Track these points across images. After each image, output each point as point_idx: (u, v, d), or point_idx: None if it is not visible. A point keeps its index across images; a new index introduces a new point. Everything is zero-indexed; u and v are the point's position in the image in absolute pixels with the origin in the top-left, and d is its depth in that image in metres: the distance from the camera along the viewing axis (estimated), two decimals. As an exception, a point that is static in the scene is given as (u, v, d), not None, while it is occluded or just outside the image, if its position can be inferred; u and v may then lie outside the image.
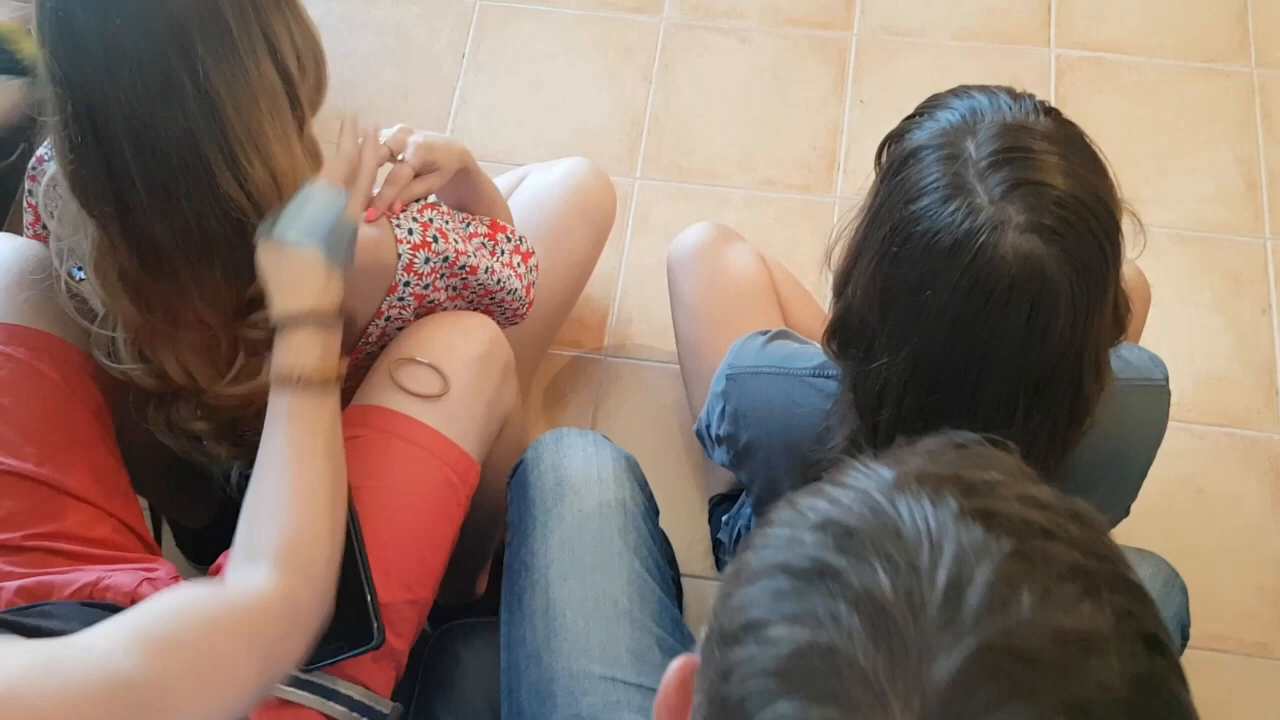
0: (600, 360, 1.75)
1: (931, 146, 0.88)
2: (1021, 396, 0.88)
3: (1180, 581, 1.07)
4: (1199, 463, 1.66)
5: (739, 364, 1.14)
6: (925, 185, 0.86)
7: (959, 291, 0.84)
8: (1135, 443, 1.05)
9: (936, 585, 0.44)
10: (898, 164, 0.90)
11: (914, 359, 0.89)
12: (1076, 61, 1.95)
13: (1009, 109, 0.89)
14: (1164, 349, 1.68)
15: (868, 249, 0.91)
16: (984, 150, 0.85)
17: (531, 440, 1.23)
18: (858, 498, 0.49)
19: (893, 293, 0.88)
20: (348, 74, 1.97)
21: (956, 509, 0.47)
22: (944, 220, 0.84)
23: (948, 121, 0.89)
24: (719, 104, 1.94)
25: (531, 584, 1.07)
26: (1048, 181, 0.84)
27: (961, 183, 0.84)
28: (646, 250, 1.82)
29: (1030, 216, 0.82)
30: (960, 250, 0.83)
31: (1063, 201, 0.83)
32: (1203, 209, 1.84)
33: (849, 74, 1.95)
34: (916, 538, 0.46)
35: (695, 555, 1.58)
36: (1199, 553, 1.60)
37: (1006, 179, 0.84)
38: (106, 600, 1.00)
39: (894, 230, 0.87)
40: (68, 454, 1.07)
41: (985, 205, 0.83)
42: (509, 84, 1.96)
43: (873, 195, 0.93)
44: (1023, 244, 0.82)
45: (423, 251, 1.14)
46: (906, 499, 0.48)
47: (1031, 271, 0.82)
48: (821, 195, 1.85)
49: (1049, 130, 0.88)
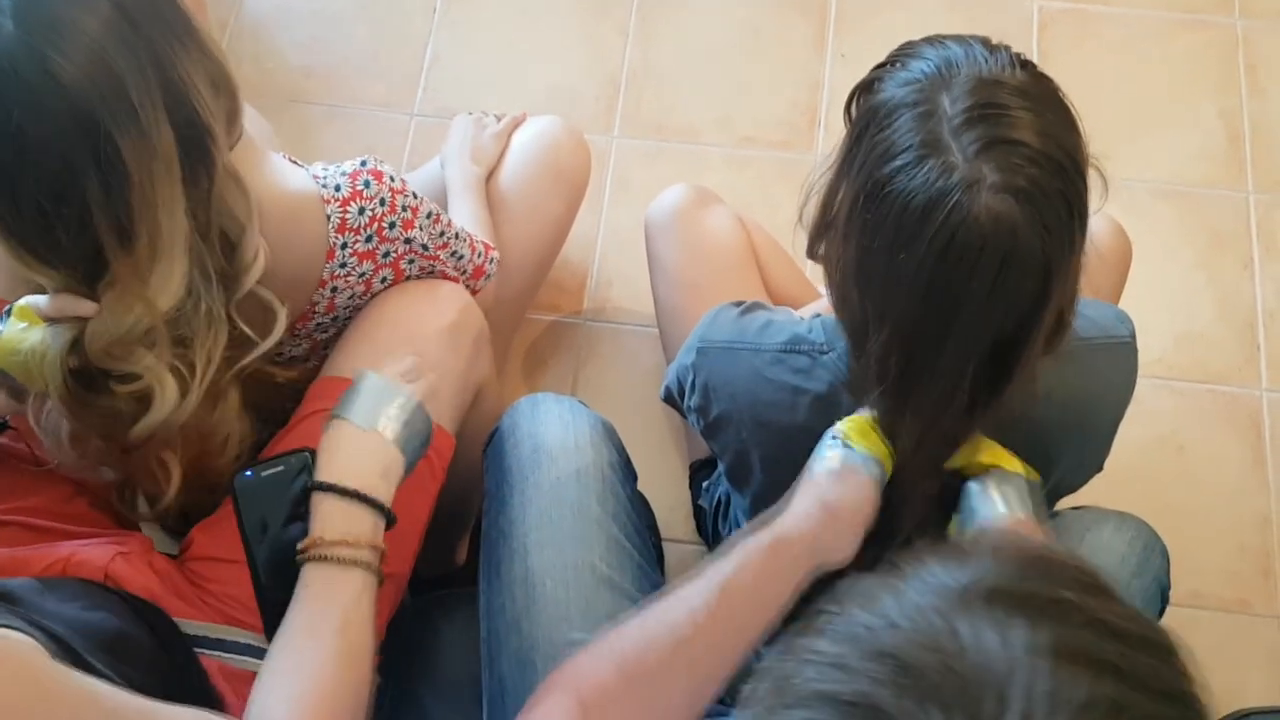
0: (580, 324, 1.73)
1: (906, 104, 0.86)
2: (975, 356, 0.88)
3: (1161, 545, 1.07)
4: (1180, 421, 1.66)
5: (710, 336, 1.12)
6: (899, 146, 0.85)
7: (932, 252, 0.83)
8: (1104, 401, 1.05)
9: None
10: (870, 121, 0.88)
11: (896, 331, 0.88)
12: (1059, 14, 1.93)
13: (984, 61, 0.88)
14: (1145, 306, 1.68)
15: (842, 217, 0.90)
16: (959, 106, 0.84)
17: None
18: (919, 619, 0.44)
19: (868, 263, 0.87)
20: (317, 32, 1.93)
21: (1026, 644, 0.43)
22: (917, 181, 0.83)
23: (921, 72, 0.88)
24: (697, 60, 1.90)
25: (510, 552, 1.06)
26: (1023, 140, 0.83)
27: (936, 140, 0.83)
28: (625, 212, 1.79)
29: (1004, 177, 0.82)
30: (934, 210, 0.82)
31: (1037, 161, 0.82)
32: (1185, 164, 1.82)
33: (829, 27, 1.92)
34: (980, 681, 0.42)
35: (677, 519, 1.57)
36: (1180, 511, 1.59)
37: (981, 136, 0.83)
38: (80, 576, 0.98)
39: (869, 196, 0.86)
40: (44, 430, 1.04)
41: (960, 164, 0.82)
42: (482, 41, 1.92)
43: (844, 151, 0.92)
44: (996, 204, 0.82)
45: (355, 203, 1.09)
46: (972, 623, 0.43)
47: (1003, 231, 0.82)
48: (802, 153, 1.82)
49: (1025, 85, 0.86)
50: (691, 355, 1.14)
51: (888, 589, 0.46)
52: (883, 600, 0.46)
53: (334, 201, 1.08)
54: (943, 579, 0.46)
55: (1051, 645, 0.43)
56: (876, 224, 0.85)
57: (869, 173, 0.86)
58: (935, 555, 0.48)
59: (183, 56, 0.92)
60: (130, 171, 0.89)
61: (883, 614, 0.45)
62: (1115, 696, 0.42)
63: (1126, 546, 1.03)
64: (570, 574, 1.04)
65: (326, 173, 1.09)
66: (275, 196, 1.06)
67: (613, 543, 1.07)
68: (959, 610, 0.44)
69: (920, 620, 0.44)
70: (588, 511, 1.07)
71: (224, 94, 0.97)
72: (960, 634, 0.43)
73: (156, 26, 0.90)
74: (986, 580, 0.46)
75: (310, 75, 1.90)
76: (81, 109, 0.86)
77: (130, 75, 0.88)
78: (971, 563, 0.47)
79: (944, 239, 0.82)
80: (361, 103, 1.88)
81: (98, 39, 0.87)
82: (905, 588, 0.46)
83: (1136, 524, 1.06)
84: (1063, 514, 1.09)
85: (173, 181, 0.92)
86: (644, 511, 1.20)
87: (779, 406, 1.05)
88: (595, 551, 1.05)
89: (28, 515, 1.04)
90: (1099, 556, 1.03)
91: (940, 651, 0.43)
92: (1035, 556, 0.49)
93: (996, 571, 0.47)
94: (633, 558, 1.08)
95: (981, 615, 0.44)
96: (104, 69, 0.87)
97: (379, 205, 1.10)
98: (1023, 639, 0.43)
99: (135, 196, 0.90)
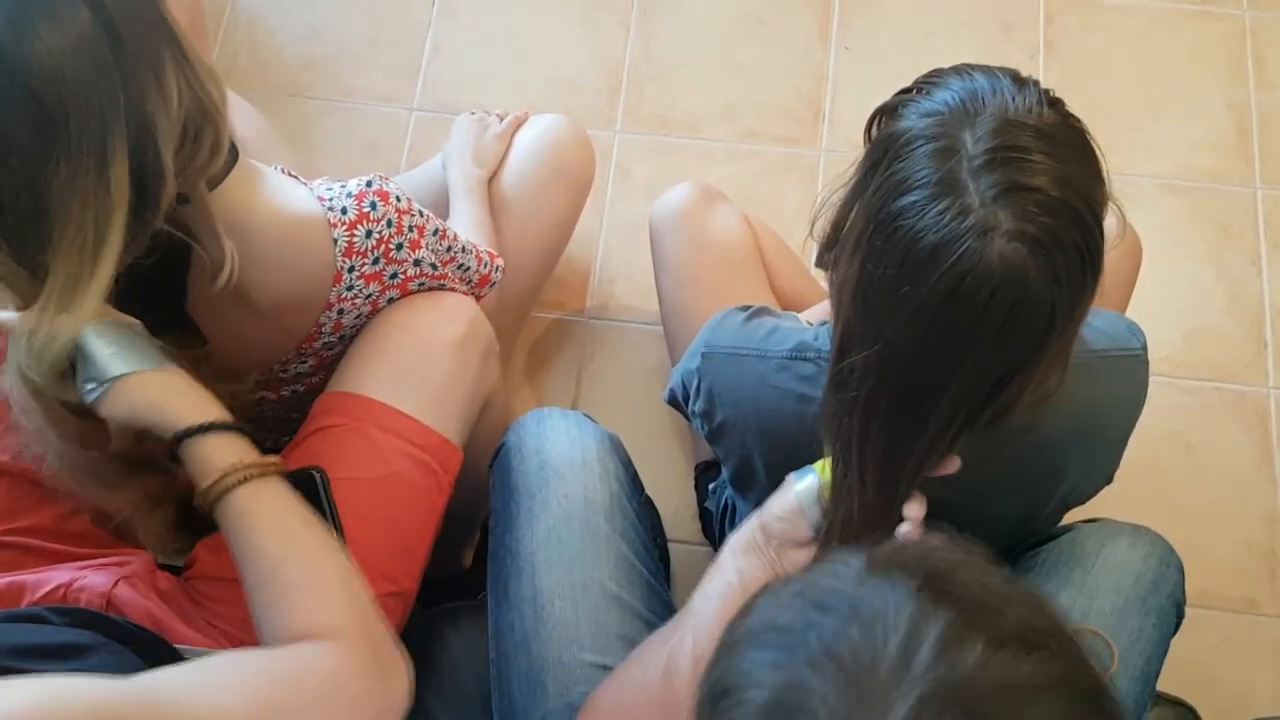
0: (583, 322, 1.72)
1: (926, 137, 0.84)
2: (975, 400, 0.87)
3: (1176, 560, 1.06)
4: (1188, 418, 1.65)
5: (715, 342, 1.11)
6: (915, 181, 0.83)
7: (938, 292, 0.81)
8: (1113, 414, 1.04)
9: (891, 644, 0.52)
10: (889, 150, 0.86)
11: (884, 355, 0.86)
12: (1066, 4, 1.90)
13: (1011, 98, 0.85)
14: (1154, 302, 1.67)
15: (852, 239, 0.89)
16: (980, 146, 0.82)
17: (518, 414, 1.20)
18: (832, 577, 0.57)
19: (872, 288, 0.86)
20: (315, 22, 1.90)
21: (914, 585, 0.54)
22: (929, 220, 0.81)
23: (944, 104, 0.86)
24: (700, 52, 1.88)
25: (518, 571, 1.05)
26: (1041, 187, 0.81)
27: (954, 179, 0.81)
28: (628, 207, 1.77)
29: (1019, 225, 0.80)
30: (943, 252, 0.81)
31: (1054, 210, 0.80)
32: (1193, 157, 1.80)
33: (834, 19, 1.89)
34: (881, 607, 0.54)
35: (682, 520, 1.56)
36: (1187, 509, 1.59)
37: (1000, 181, 0.81)
38: (80, 603, 0.97)
39: (879, 226, 0.84)
40: None
41: (976, 207, 0.80)
42: (482, 32, 1.90)
43: (860, 174, 0.90)
44: (1009, 253, 0.80)
45: (362, 226, 1.07)
46: (874, 578, 0.56)
47: (1015, 281, 0.80)
48: (807, 148, 1.80)
49: (1049, 128, 0.84)
50: (696, 360, 1.12)
51: (810, 569, 0.59)
52: (804, 574, 0.59)
53: (340, 225, 1.06)
54: (851, 560, 0.58)
55: (938, 587, 0.54)
56: (884, 253, 0.84)
57: (882, 202, 0.84)
58: (828, 559, 0.60)
59: (155, 91, 0.88)
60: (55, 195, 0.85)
61: (804, 579, 0.58)
62: (990, 619, 0.53)
63: (1142, 563, 1.02)
64: (579, 593, 1.03)
65: (331, 193, 1.07)
66: (277, 219, 1.03)
67: (622, 560, 1.06)
68: (866, 572, 0.56)
69: (835, 578, 0.57)
70: (596, 529, 1.06)
71: (207, 125, 0.93)
72: (865, 584, 0.56)
73: (140, 53, 0.86)
74: (890, 554, 0.58)
75: (308, 67, 1.87)
76: (36, 117, 0.83)
77: (86, 98, 0.84)
78: (879, 548, 0.59)
79: (952, 282, 0.81)
80: (360, 96, 1.85)
81: (65, 52, 0.82)
82: (823, 565, 0.59)
83: (1152, 539, 1.05)
84: (1076, 528, 1.08)
85: (109, 209, 0.88)
86: (652, 519, 1.20)
87: (784, 414, 1.03)
88: (604, 570, 1.05)
89: (27, 536, 1.03)
90: (1114, 574, 1.02)
91: (850, 590, 0.56)
92: (934, 543, 0.61)
93: (899, 550, 0.59)
94: (642, 575, 1.07)
95: (882, 573, 0.56)
96: (64, 83, 0.83)
97: (386, 227, 1.08)
98: (912, 584, 0.54)
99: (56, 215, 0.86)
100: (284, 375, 1.17)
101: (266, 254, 1.01)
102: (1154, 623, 1.01)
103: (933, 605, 0.53)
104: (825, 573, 0.58)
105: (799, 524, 0.94)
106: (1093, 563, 1.02)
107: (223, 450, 0.91)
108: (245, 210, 1.01)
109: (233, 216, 0.99)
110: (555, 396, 1.67)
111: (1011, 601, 0.55)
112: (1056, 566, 1.04)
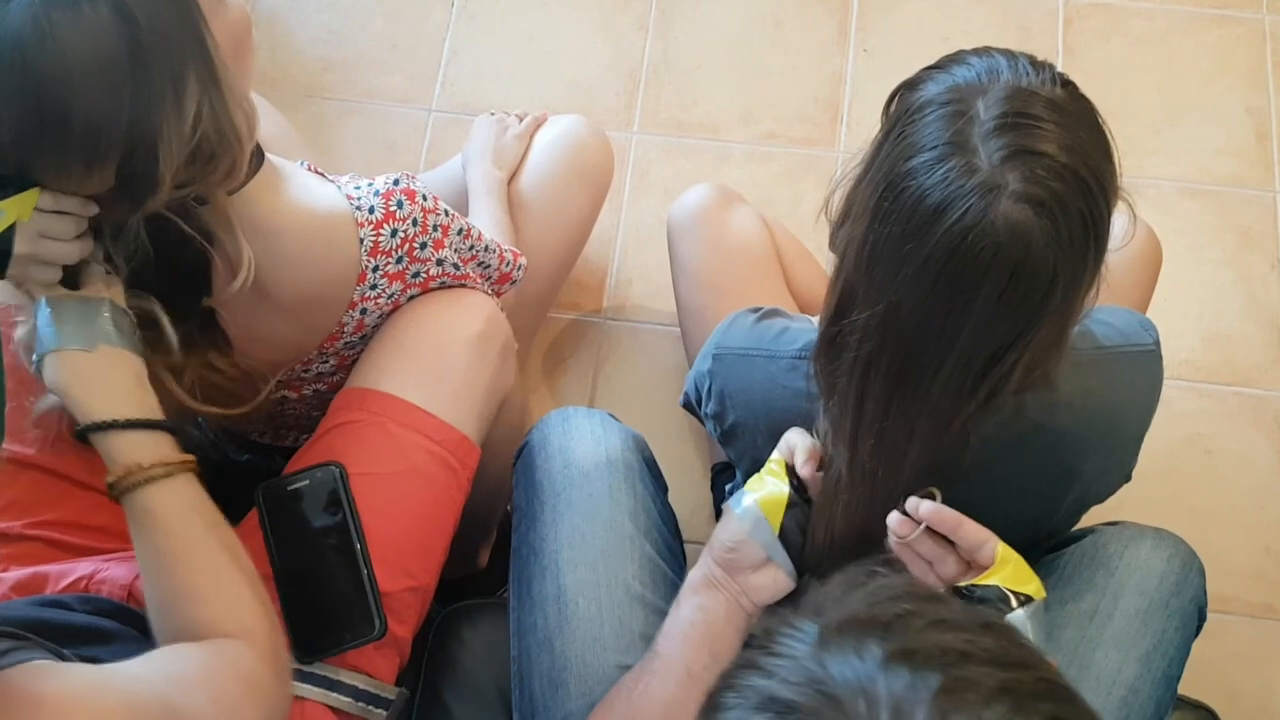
0: (600, 323, 1.72)
1: (938, 103, 0.85)
2: (976, 369, 0.87)
3: (1198, 563, 1.05)
4: (1207, 423, 1.64)
5: (726, 344, 1.11)
6: (924, 143, 0.84)
7: (942, 248, 0.82)
8: (1127, 410, 1.03)
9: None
10: (902, 118, 0.87)
11: (887, 315, 0.87)
12: (1085, 8, 1.90)
13: (1027, 74, 0.86)
14: (1173, 306, 1.67)
15: (860, 204, 0.89)
16: (992, 111, 0.83)
17: (534, 414, 1.20)
18: (791, 667, 0.52)
19: (878, 247, 0.86)
20: (334, 24, 1.91)
21: (881, 656, 0.50)
22: (936, 178, 0.82)
23: (963, 78, 0.87)
24: (718, 54, 1.88)
25: (541, 570, 1.05)
26: (1051, 154, 0.81)
27: (964, 141, 0.82)
28: (645, 209, 1.77)
29: (1027, 187, 0.80)
30: (948, 208, 0.81)
31: (1061, 176, 0.81)
32: (1212, 161, 1.80)
33: (852, 22, 1.89)
34: (853, 699, 0.49)
35: (699, 521, 1.56)
36: (1206, 514, 1.58)
37: (1010, 144, 0.81)
38: (101, 594, 0.97)
39: (888, 187, 0.85)
40: (67, 439, 1.03)
41: (984, 167, 0.81)
42: (501, 34, 1.90)
43: (874, 147, 0.90)
44: (1014, 212, 0.80)
45: (388, 225, 1.07)
46: (834, 656, 0.51)
47: (1018, 241, 0.81)
48: (825, 150, 1.80)
49: (1062, 101, 0.85)
50: (707, 362, 1.12)
51: (765, 652, 0.54)
52: (761, 662, 0.54)
53: (367, 225, 1.06)
54: (805, 628, 0.54)
55: (902, 649, 0.51)
56: (890, 212, 0.84)
57: (892, 164, 0.85)
58: (795, 614, 0.56)
59: (170, 106, 0.86)
60: None
61: (764, 670, 0.53)
62: (967, 675, 0.50)
63: (1165, 565, 1.01)
64: (603, 592, 1.02)
65: (359, 191, 1.07)
66: (304, 217, 1.04)
67: (646, 560, 1.06)
68: (822, 648, 0.52)
69: (795, 666, 0.52)
70: (620, 528, 1.06)
71: (224, 152, 0.91)
72: (828, 665, 0.51)
73: (161, 65, 0.85)
74: (840, 614, 0.54)
75: (327, 68, 1.88)
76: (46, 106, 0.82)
77: (96, 105, 0.83)
78: (824, 603, 0.56)
79: (955, 238, 0.81)
80: (379, 97, 1.86)
81: (89, 54, 0.81)
82: (778, 645, 0.54)
83: (1174, 542, 1.04)
84: (1098, 531, 1.07)
85: None
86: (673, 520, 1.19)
87: (794, 413, 1.03)
88: (629, 569, 1.04)
89: (51, 529, 1.03)
90: (1138, 575, 1.01)
91: (814, 683, 0.51)
92: (873, 587, 0.57)
93: (843, 607, 0.55)
94: (666, 575, 1.07)
95: (838, 645, 0.52)
96: (81, 85, 0.82)
97: (411, 226, 1.08)
98: (876, 652, 0.50)
99: None
100: (306, 375, 1.17)
101: (292, 250, 1.02)
102: (1177, 625, 1.01)
103: (909, 675, 0.50)
104: (780, 655, 0.53)
105: (749, 549, 0.97)
106: (1116, 564, 1.02)
107: (128, 448, 0.90)
108: (270, 210, 1.01)
109: (257, 216, 0.99)
110: (571, 397, 1.67)
111: (978, 639, 0.52)
112: (1080, 569, 1.03)
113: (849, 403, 0.93)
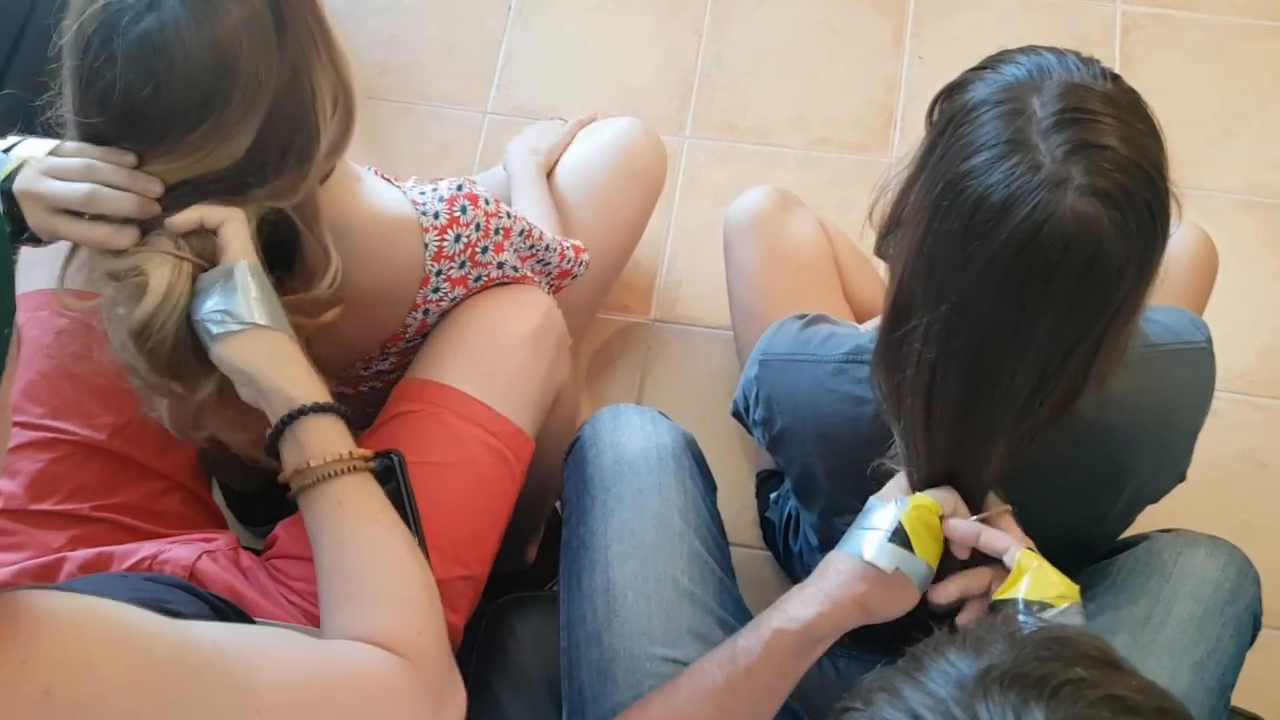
0: (648, 325, 1.73)
1: (992, 102, 0.86)
2: (1052, 369, 0.86)
3: (1254, 571, 1.04)
4: (1262, 436, 1.62)
5: (772, 350, 1.11)
6: (982, 142, 0.84)
7: (1010, 246, 0.82)
8: (1179, 407, 1.03)
9: None
10: (954, 120, 0.87)
11: (951, 318, 0.86)
12: (1142, 18, 1.89)
13: (1077, 70, 0.87)
14: (1227, 319, 1.64)
15: (915, 208, 0.89)
16: (1049, 108, 0.83)
17: (585, 412, 1.21)
18: (940, 710, 0.47)
19: (939, 249, 0.86)
20: (391, 28, 1.94)
21: (1042, 715, 0.45)
22: (999, 175, 0.82)
23: (1013, 76, 0.87)
24: (772, 60, 1.89)
25: (591, 563, 1.06)
26: (1112, 147, 0.82)
27: (1024, 138, 0.83)
28: (695, 213, 1.78)
29: (1093, 180, 0.81)
30: (1015, 205, 0.81)
31: (1125, 168, 0.82)
32: (1269, 174, 1.78)
33: (907, 28, 1.89)
34: None
35: (743, 525, 1.56)
36: (1260, 528, 1.56)
37: (1071, 139, 0.82)
38: (165, 574, 0.99)
39: (946, 187, 0.85)
40: (138, 424, 1.05)
41: (1047, 163, 0.81)
42: (556, 39, 1.92)
43: (924, 150, 0.91)
44: (1081, 206, 0.81)
45: (452, 230, 1.10)
46: (991, 709, 0.46)
47: (1090, 234, 0.81)
48: (877, 156, 1.80)
49: (1115, 95, 0.86)
50: (755, 368, 1.13)
51: (909, 682, 0.48)
52: (905, 694, 0.47)
53: (432, 230, 1.09)
54: (961, 668, 0.48)
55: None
56: (950, 211, 0.84)
57: (949, 165, 0.85)
58: (952, 644, 0.49)
59: (316, 65, 0.93)
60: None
61: (906, 708, 0.47)
62: None
63: (1220, 572, 1.01)
64: (652, 586, 1.03)
65: (424, 197, 1.10)
66: (373, 219, 1.07)
67: (695, 556, 1.06)
68: (978, 697, 0.46)
69: (941, 711, 0.46)
70: (670, 524, 1.07)
71: (341, 110, 0.97)
72: (978, 713, 0.45)
73: (302, 31, 0.91)
74: (1002, 665, 0.48)
75: (383, 71, 1.91)
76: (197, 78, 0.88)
77: (244, 71, 0.88)
78: (987, 649, 0.49)
79: (1024, 235, 0.81)
80: (434, 100, 1.88)
81: (233, 27, 0.88)
82: (925, 680, 0.48)
83: (1229, 549, 1.04)
84: (1152, 537, 1.07)
85: None
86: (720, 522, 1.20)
87: (842, 417, 1.04)
88: (677, 565, 1.05)
89: (118, 513, 1.05)
90: (1192, 582, 1.00)
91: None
92: (1049, 637, 0.50)
93: (1012, 656, 0.48)
94: (714, 572, 1.08)
95: (999, 700, 0.46)
96: (224, 56, 0.88)
97: (474, 231, 1.11)
98: (1038, 718, 0.45)
99: None
100: (364, 373, 1.20)
101: (360, 251, 1.04)
102: (1231, 633, 1.00)
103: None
104: (927, 690, 0.48)
105: (908, 591, 0.92)
106: (1170, 570, 1.01)
107: (327, 435, 0.91)
108: (342, 208, 1.04)
109: (331, 214, 1.02)
110: (619, 399, 1.68)
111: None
112: (1134, 575, 1.03)
113: (917, 414, 0.92)
